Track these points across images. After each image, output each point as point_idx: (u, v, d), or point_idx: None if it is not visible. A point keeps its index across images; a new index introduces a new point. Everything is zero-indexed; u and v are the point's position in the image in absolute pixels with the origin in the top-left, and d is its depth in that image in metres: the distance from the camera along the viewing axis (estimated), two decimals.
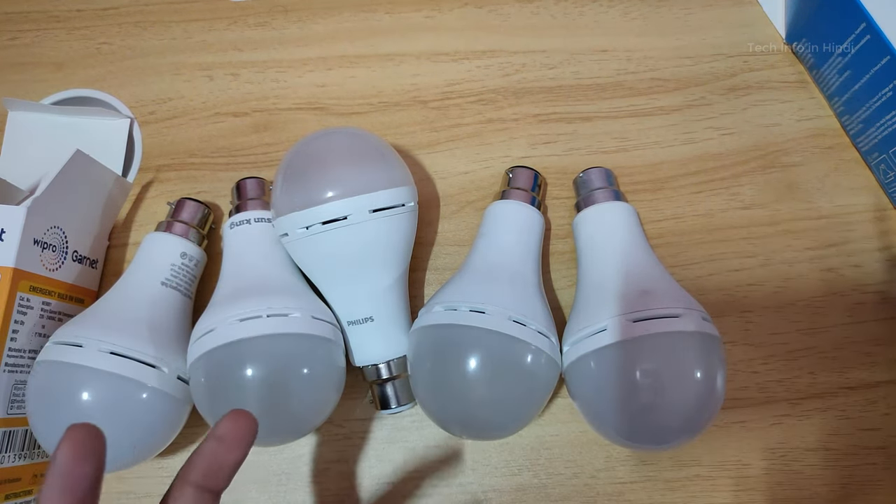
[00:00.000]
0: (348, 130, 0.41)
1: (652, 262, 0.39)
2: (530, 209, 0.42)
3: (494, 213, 0.42)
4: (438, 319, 0.37)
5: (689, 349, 0.35)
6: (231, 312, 0.36)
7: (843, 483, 0.40)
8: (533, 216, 0.42)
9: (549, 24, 0.51)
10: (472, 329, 0.35)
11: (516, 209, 0.42)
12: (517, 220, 0.41)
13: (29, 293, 0.39)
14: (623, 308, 0.36)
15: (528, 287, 0.39)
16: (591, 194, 0.42)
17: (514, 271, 0.39)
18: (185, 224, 0.42)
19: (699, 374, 0.34)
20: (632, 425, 0.35)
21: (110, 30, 0.52)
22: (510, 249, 0.40)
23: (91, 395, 0.35)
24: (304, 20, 0.52)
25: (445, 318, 0.37)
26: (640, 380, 0.34)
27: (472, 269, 0.39)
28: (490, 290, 0.37)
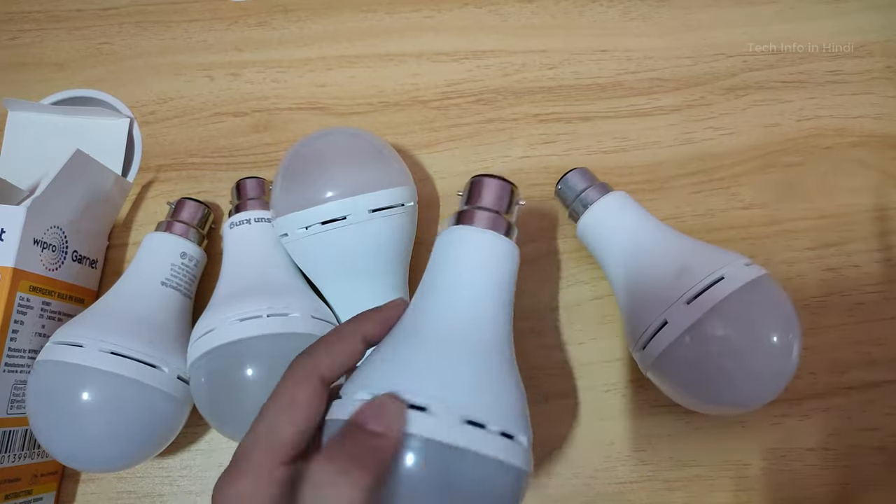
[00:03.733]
0: (347, 130, 0.41)
1: (668, 234, 0.38)
2: (503, 242, 0.31)
3: (452, 245, 0.31)
4: None
5: (746, 303, 0.34)
6: (231, 312, 0.36)
7: (843, 483, 0.40)
8: (507, 251, 0.31)
9: (548, 24, 0.51)
10: (410, 439, 0.25)
11: (486, 242, 0.31)
12: (487, 257, 0.30)
13: (29, 293, 0.39)
14: (671, 296, 0.35)
15: (494, 359, 0.28)
16: (581, 197, 0.41)
17: (480, 334, 0.28)
18: (184, 224, 0.42)
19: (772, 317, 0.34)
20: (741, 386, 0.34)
21: (111, 30, 0.52)
22: (474, 299, 0.29)
23: (91, 394, 0.35)
24: (304, 20, 0.52)
25: None
26: (730, 344, 0.33)
27: (414, 329, 0.28)
28: (440, 371, 0.27)
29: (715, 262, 0.35)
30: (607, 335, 0.43)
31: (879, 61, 0.48)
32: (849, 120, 0.47)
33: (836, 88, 0.48)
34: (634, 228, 0.39)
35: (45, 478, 0.41)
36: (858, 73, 0.48)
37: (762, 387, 0.35)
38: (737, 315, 0.34)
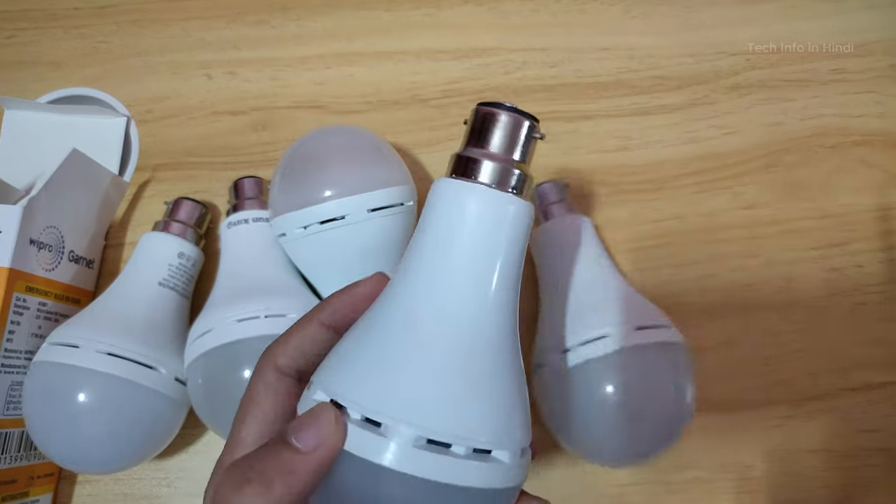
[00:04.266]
0: (346, 129, 0.41)
1: (605, 273, 0.38)
2: (513, 204, 0.24)
3: (444, 205, 0.24)
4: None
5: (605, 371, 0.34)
6: (228, 313, 0.36)
7: (844, 485, 0.40)
8: (518, 216, 0.24)
9: (549, 22, 0.50)
10: (350, 461, 0.21)
11: (491, 205, 0.24)
12: (490, 226, 0.23)
13: (25, 293, 0.39)
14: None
15: (485, 359, 0.23)
16: (546, 208, 0.42)
17: (469, 325, 0.23)
18: (182, 224, 0.42)
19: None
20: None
21: (108, 28, 0.52)
22: (466, 280, 0.23)
23: (88, 396, 0.35)
24: (302, 18, 0.51)
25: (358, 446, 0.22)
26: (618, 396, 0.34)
27: (386, 315, 0.24)
28: (405, 377, 0.22)
29: (608, 319, 0.35)
30: None
31: (882, 60, 0.48)
32: (852, 119, 0.47)
33: (839, 87, 0.48)
34: (572, 257, 0.39)
35: (42, 479, 0.40)
36: (861, 72, 0.48)
37: (603, 455, 0.36)
38: (592, 379, 0.34)
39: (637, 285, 0.40)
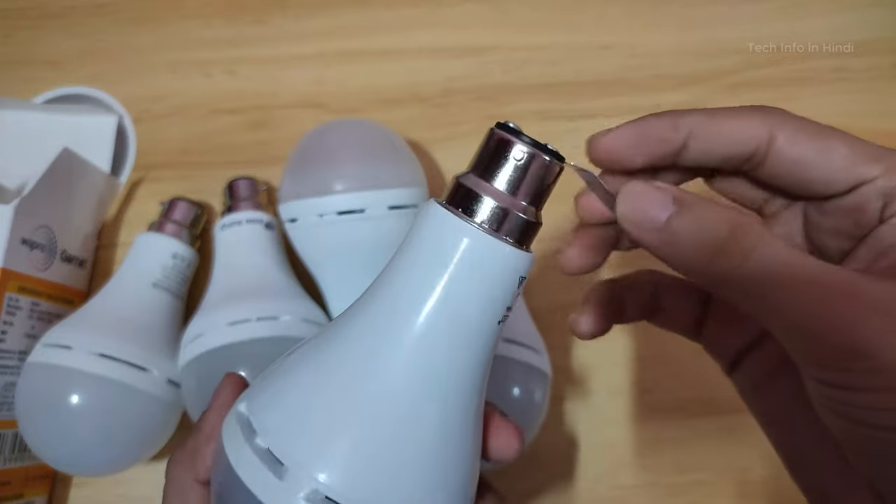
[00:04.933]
0: (370, 123, 0.41)
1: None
2: (508, 255, 0.20)
3: (427, 236, 0.21)
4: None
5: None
6: (221, 316, 0.36)
7: None
8: (511, 268, 0.21)
9: (549, 20, 0.50)
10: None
11: (480, 251, 0.20)
12: (478, 275, 0.20)
13: (18, 293, 0.38)
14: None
15: (427, 423, 0.20)
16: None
17: (418, 381, 0.20)
18: (177, 224, 0.42)
19: None
20: None
21: (106, 26, 0.52)
22: (426, 332, 0.20)
23: (80, 398, 0.35)
24: (301, 16, 0.51)
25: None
26: None
27: (326, 350, 0.21)
28: (368, 457, 0.20)
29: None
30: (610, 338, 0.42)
31: (884, 59, 0.48)
32: (853, 118, 0.46)
33: (842, 86, 0.47)
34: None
35: (37, 481, 0.40)
36: (863, 71, 0.48)
37: None
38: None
39: None
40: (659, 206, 0.20)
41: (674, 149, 0.23)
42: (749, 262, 0.19)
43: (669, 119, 0.23)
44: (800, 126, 0.22)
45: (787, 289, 0.19)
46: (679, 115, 0.23)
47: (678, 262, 0.21)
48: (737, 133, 0.23)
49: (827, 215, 0.23)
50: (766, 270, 0.19)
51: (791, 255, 0.19)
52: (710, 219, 0.20)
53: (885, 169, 0.21)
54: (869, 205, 0.21)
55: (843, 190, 0.22)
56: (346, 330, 0.21)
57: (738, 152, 0.23)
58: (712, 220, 0.20)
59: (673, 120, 0.23)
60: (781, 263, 0.19)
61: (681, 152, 0.23)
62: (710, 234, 0.20)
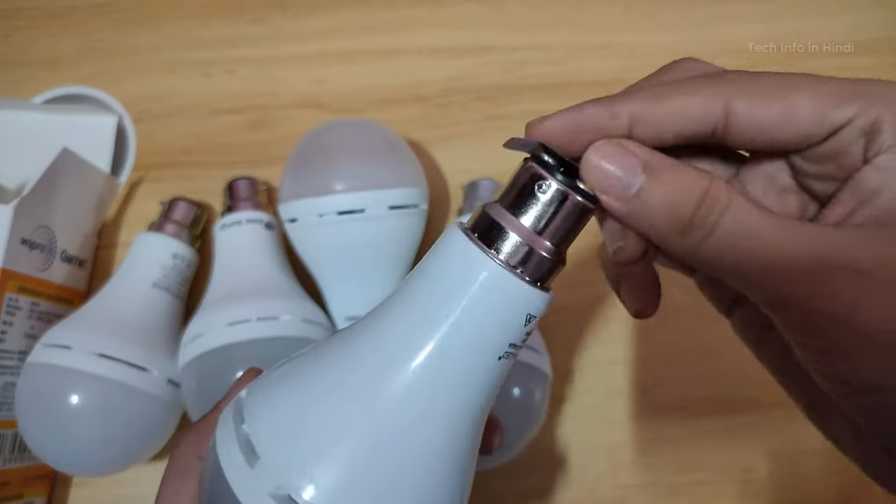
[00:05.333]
0: (369, 123, 0.41)
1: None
2: (525, 292, 0.20)
3: (446, 264, 0.20)
4: None
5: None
6: (220, 316, 0.36)
7: (848, 486, 0.39)
8: (525, 306, 0.20)
9: (550, 20, 0.50)
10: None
11: (497, 286, 0.19)
12: (491, 309, 0.19)
13: (17, 293, 0.38)
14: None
15: (423, 453, 0.20)
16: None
17: (418, 415, 0.20)
18: (177, 224, 0.42)
19: None
20: None
21: (105, 26, 0.52)
22: (430, 366, 0.20)
23: (80, 398, 0.35)
24: (301, 16, 0.51)
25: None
26: None
27: (331, 361, 0.21)
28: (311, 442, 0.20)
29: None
30: (611, 338, 0.42)
31: (885, 58, 0.48)
32: None
33: None
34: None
35: (36, 482, 0.40)
36: (863, 71, 0.47)
37: None
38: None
39: None
40: (628, 173, 0.20)
41: (614, 136, 0.21)
42: (713, 237, 0.19)
43: (605, 106, 0.21)
44: (756, 90, 0.21)
45: (752, 263, 0.19)
46: (616, 100, 0.22)
47: (648, 234, 0.20)
48: (687, 113, 0.21)
49: (810, 162, 0.22)
50: (732, 245, 0.19)
51: (757, 224, 0.19)
52: (680, 190, 0.19)
53: (861, 106, 0.20)
54: (850, 147, 0.20)
55: (819, 140, 0.21)
56: (355, 342, 0.21)
57: (694, 131, 0.21)
58: (682, 191, 0.19)
59: (609, 107, 0.21)
60: (747, 236, 0.19)
61: (629, 138, 0.21)
62: (680, 209, 0.19)
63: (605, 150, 0.20)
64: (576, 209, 0.20)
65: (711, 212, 0.19)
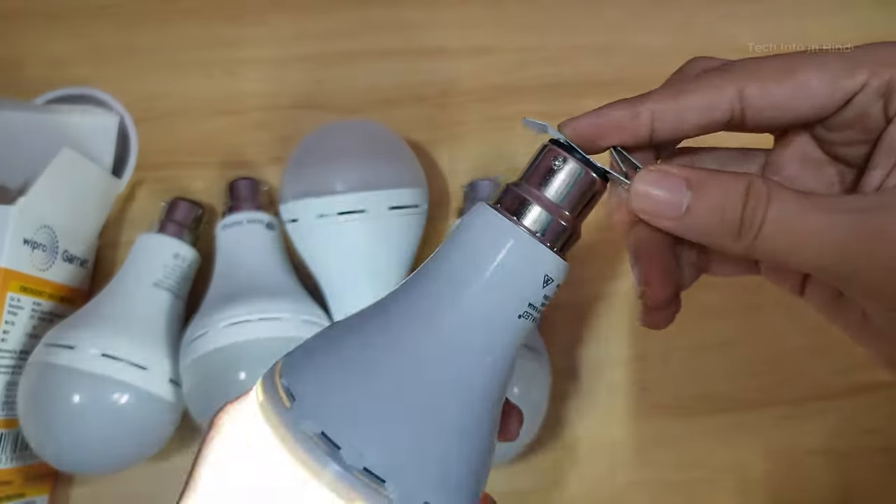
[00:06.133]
0: (369, 124, 0.41)
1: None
2: (548, 261, 0.22)
3: (472, 235, 0.22)
4: None
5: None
6: (222, 316, 0.36)
7: (846, 485, 0.40)
8: (551, 273, 0.22)
9: (549, 21, 0.50)
10: None
11: (522, 255, 0.22)
12: (515, 279, 0.22)
13: (19, 293, 0.38)
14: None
15: (449, 410, 0.21)
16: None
17: (439, 370, 0.21)
18: (178, 224, 0.42)
19: None
20: None
21: (107, 27, 0.52)
22: (458, 326, 0.21)
23: (82, 397, 0.35)
24: (301, 17, 0.51)
25: None
26: None
27: (358, 325, 0.22)
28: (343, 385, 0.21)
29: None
30: (611, 336, 0.42)
31: None
32: None
33: None
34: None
35: (38, 480, 0.40)
36: None
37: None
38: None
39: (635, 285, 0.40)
40: (674, 193, 0.21)
41: (638, 135, 0.23)
42: (764, 230, 0.20)
43: (627, 107, 0.23)
44: (766, 73, 0.22)
45: (805, 246, 0.20)
46: (638, 101, 0.23)
47: (706, 243, 0.22)
48: (704, 106, 0.23)
49: (833, 131, 0.23)
50: (782, 233, 0.20)
51: (800, 209, 0.20)
52: (724, 196, 0.21)
53: (871, 71, 0.21)
54: (869, 109, 0.21)
55: (836, 108, 0.22)
56: (390, 304, 0.22)
57: (712, 121, 0.23)
58: (726, 196, 0.21)
59: (631, 108, 0.23)
60: (793, 222, 0.20)
61: (651, 135, 0.23)
62: (729, 213, 0.21)
63: (650, 178, 0.22)
64: (590, 184, 0.22)
65: (757, 207, 0.20)
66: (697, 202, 0.21)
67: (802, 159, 0.25)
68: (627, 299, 0.43)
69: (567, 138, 0.23)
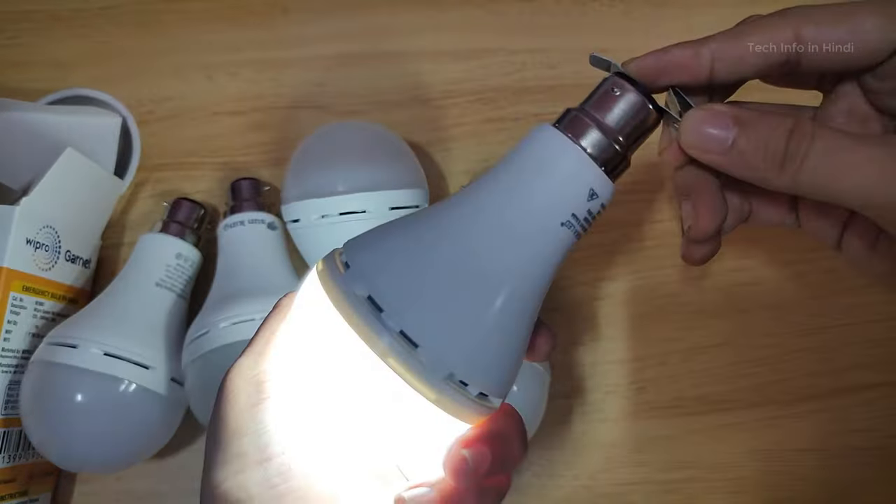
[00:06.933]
0: (371, 126, 0.41)
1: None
2: (597, 178, 0.24)
3: (531, 147, 0.24)
4: None
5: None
6: (224, 315, 0.36)
7: (838, 484, 0.40)
8: (598, 190, 0.24)
9: (549, 23, 0.50)
10: None
11: (575, 169, 0.24)
12: (566, 190, 0.24)
13: (22, 293, 0.39)
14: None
15: (494, 298, 0.23)
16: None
17: (490, 262, 0.23)
18: (180, 224, 0.42)
19: None
20: None
21: (110, 29, 0.52)
22: (517, 221, 0.23)
23: (84, 396, 0.35)
24: (302, 19, 0.51)
25: None
26: None
27: (423, 221, 0.24)
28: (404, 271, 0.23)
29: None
30: (607, 337, 0.43)
31: None
32: None
33: None
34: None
35: (41, 478, 0.40)
36: None
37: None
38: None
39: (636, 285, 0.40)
40: (722, 129, 0.23)
41: (698, 74, 0.25)
42: (807, 164, 0.22)
43: (691, 47, 0.25)
44: (823, 15, 0.23)
45: (847, 177, 0.21)
46: (700, 42, 0.25)
47: (750, 178, 0.23)
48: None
49: (882, 80, 0.24)
50: (825, 165, 0.21)
51: (842, 143, 0.21)
52: (770, 132, 0.22)
53: None
54: None
55: (888, 54, 0.23)
56: (447, 204, 0.24)
57: (770, 63, 0.24)
58: (771, 133, 0.22)
59: (694, 48, 0.25)
60: (836, 154, 0.21)
61: (711, 75, 0.25)
62: (773, 147, 0.22)
63: (699, 115, 0.23)
64: (645, 116, 0.25)
65: (801, 143, 0.22)
66: (743, 138, 0.22)
67: (849, 113, 0.26)
68: (625, 300, 0.43)
69: (631, 74, 0.25)
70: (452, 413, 0.22)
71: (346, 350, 0.22)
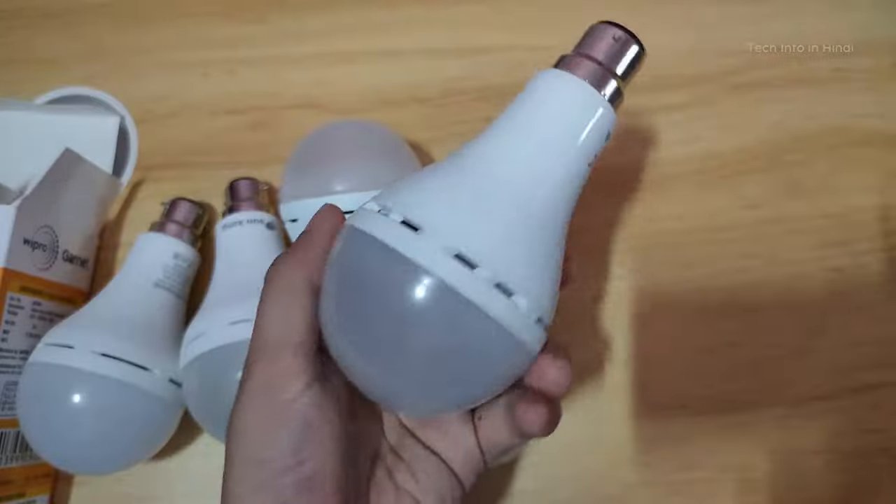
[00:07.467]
0: (370, 124, 0.41)
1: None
2: (598, 102, 0.27)
3: (535, 90, 0.27)
4: None
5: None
6: (222, 316, 0.36)
7: (848, 486, 0.40)
8: (600, 115, 0.27)
9: (550, 20, 0.50)
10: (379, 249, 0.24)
11: (579, 95, 0.27)
12: (574, 117, 0.26)
13: (19, 293, 0.38)
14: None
15: (527, 219, 0.25)
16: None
17: (521, 191, 0.25)
18: (178, 224, 0.42)
19: None
20: None
21: (105, 26, 0.52)
22: (534, 154, 0.26)
23: (81, 397, 0.35)
24: (300, 17, 0.51)
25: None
26: None
27: (455, 162, 0.26)
28: (489, 226, 0.24)
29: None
30: (611, 337, 0.42)
31: (884, 59, 0.48)
32: (853, 118, 0.47)
33: (841, 86, 0.47)
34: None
35: (38, 480, 0.40)
36: (864, 71, 0.48)
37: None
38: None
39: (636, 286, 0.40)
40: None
41: None
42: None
43: None
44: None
45: None
46: None
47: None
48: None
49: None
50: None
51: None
52: None
53: None
54: None
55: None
56: (476, 147, 0.26)
57: None
58: None
59: None
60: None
61: None
62: None
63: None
64: (632, 49, 0.28)
65: None
66: None
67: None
68: (627, 299, 0.43)
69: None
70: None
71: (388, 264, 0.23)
